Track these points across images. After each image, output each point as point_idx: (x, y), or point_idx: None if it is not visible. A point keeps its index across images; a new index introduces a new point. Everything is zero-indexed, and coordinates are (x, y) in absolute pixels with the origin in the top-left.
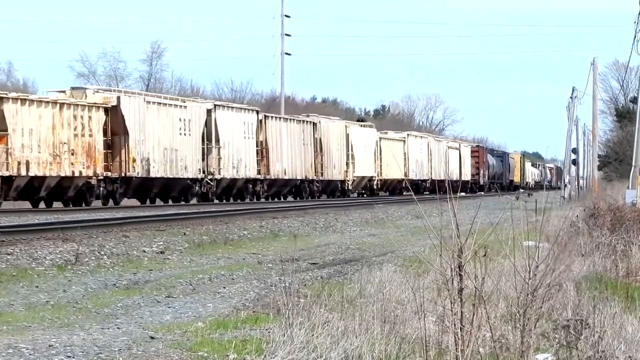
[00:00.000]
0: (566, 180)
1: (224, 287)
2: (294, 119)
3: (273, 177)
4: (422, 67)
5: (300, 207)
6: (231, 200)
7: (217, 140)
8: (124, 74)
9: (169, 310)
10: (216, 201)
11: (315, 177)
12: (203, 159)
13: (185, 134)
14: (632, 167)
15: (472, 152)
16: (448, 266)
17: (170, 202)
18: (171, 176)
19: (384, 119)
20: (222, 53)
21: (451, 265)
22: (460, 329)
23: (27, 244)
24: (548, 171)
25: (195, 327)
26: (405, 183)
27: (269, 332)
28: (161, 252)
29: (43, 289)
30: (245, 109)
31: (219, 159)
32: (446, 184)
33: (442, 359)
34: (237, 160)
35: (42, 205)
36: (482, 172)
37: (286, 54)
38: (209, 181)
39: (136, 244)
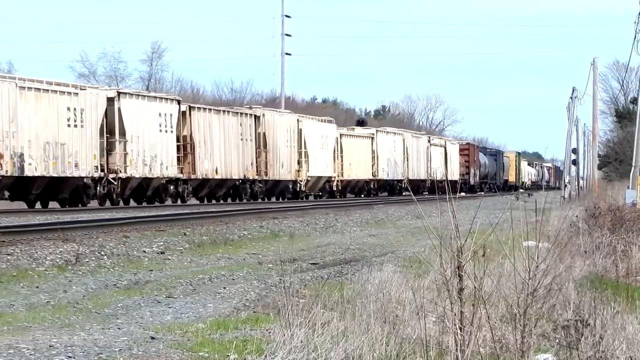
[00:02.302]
0: (566, 181)
1: (225, 288)
2: (229, 111)
3: (200, 177)
4: (422, 67)
5: (300, 208)
6: (145, 204)
7: (123, 134)
8: (124, 74)
9: (170, 310)
10: (127, 204)
11: (257, 177)
12: (103, 155)
13: (75, 126)
14: (632, 167)
15: (460, 150)
16: (448, 266)
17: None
18: (56, 175)
19: (384, 120)
20: (222, 53)
21: (451, 266)
22: (461, 329)
23: (28, 244)
24: (546, 171)
25: (196, 327)
26: (373, 184)
27: (270, 332)
28: (161, 253)
29: (43, 289)
30: (161, 97)
31: (125, 155)
32: (448, 185)
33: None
34: (150, 157)
35: None
36: (472, 171)
37: (286, 54)
38: (111, 180)
39: (136, 244)
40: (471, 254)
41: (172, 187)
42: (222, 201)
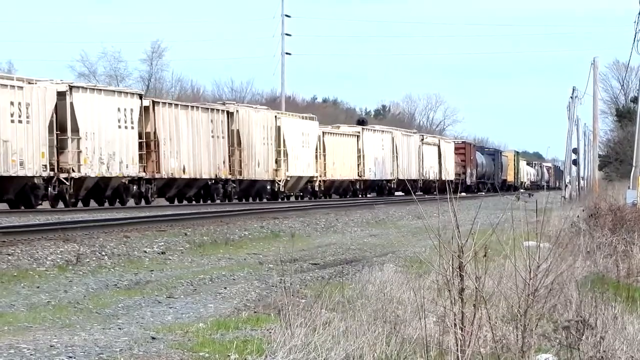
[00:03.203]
0: (567, 181)
1: (225, 288)
2: (198, 107)
3: (166, 176)
4: (422, 67)
5: (301, 208)
6: (107, 205)
7: (76, 130)
8: (124, 73)
9: (170, 310)
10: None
11: (230, 177)
12: (53, 154)
13: (20, 122)
14: (633, 167)
15: (456, 149)
16: (449, 266)
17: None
18: None
19: (384, 119)
20: (223, 53)
21: (452, 266)
22: (461, 329)
23: (28, 245)
24: (545, 170)
25: (197, 327)
26: (359, 185)
27: (270, 332)
28: (162, 253)
29: (44, 289)
30: (120, 91)
31: (78, 153)
32: (448, 185)
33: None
34: (107, 155)
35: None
36: (469, 171)
37: (287, 53)
38: (62, 180)
39: (137, 245)
40: (472, 254)
41: (134, 187)
42: (194, 202)
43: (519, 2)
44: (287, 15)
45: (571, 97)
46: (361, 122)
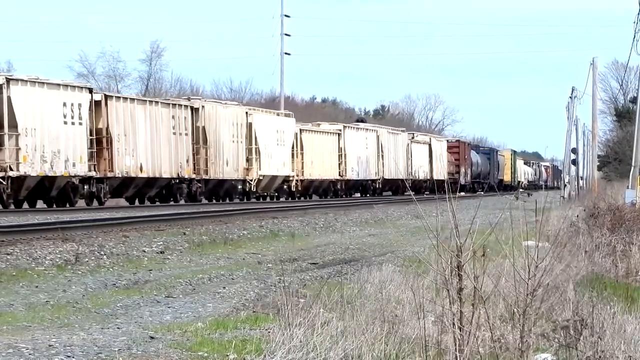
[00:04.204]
0: (566, 180)
1: (224, 287)
2: (158, 102)
3: (120, 175)
4: (422, 67)
5: (300, 207)
6: (55, 206)
7: (14, 126)
8: (123, 73)
9: (169, 310)
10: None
11: (195, 176)
12: None
13: None
14: (632, 167)
15: (449, 147)
16: (447, 266)
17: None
18: None
19: (383, 119)
20: (222, 53)
21: (450, 265)
22: (460, 329)
23: (27, 244)
24: (543, 170)
25: (195, 327)
26: (341, 185)
27: (269, 332)
28: (161, 252)
29: (43, 288)
30: (67, 85)
31: (17, 150)
32: (447, 185)
33: (441, 359)
34: (51, 153)
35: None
36: (463, 170)
37: (286, 53)
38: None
39: (136, 244)
40: (471, 254)
41: (85, 187)
42: (158, 202)
43: (518, 2)
44: (286, 16)
45: (570, 97)
46: (360, 122)
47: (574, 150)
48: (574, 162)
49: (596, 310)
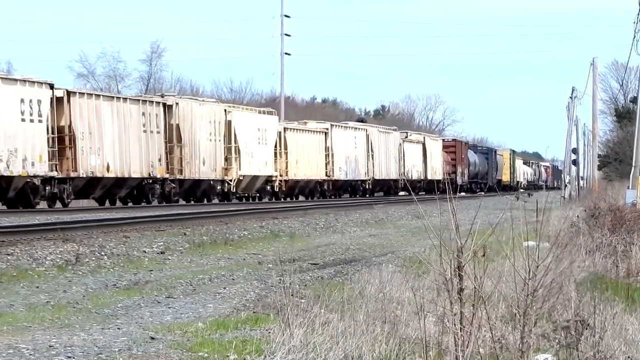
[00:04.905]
0: (566, 181)
1: (224, 288)
2: (126, 98)
3: (85, 175)
4: (422, 67)
5: (301, 208)
6: (22, 208)
7: None
8: (123, 74)
9: (169, 310)
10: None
11: (168, 176)
12: None
13: None
14: (632, 167)
15: (445, 147)
16: (448, 267)
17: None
18: None
19: (384, 119)
20: (222, 53)
21: (451, 266)
22: (460, 330)
23: (28, 244)
24: (543, 170)
25: (196, 327)
26: (328, 185)
27: (269, 332)
28: (161, 253)
29: (43, 289)
30: (24, 80)
31: None
32: (448, 185)
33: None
34: (7, 152)
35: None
36: (460, 170)
37: (286, 54)
38: None
39: (136, 244)
40: (471, 254)
41: (47, 188)
42: (131, 203)
43: (518, 2)
44: (286, 16)
45: (570, 97)
46: (360, 122)
47: (575, 151)
48: (575, 162)
49: (597, 310)
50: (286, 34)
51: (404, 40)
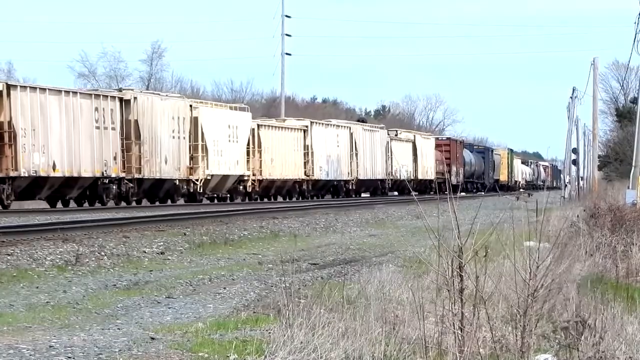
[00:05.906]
0: (566, 181)
1: (224, 288)
2: (76, 92)
3: (27, 175)
4: (422, 67)
5: (301, 208)
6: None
7: None
8: (124, 74)
9: (169, 310)
10: None
11: (124, 175)
12: None
13: None
14: (632, 167)
15: (437, 145)
16: (448, 267)
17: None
18: None
19: (384, 119)
20: (222, 53)
21: (451, 266)
22: (461, 330)
23: (28, 245)
24: (542, 170)
25: (196, 327)
26: (307, 185)
27: (270, 332)
28: (161, 253)
29: (43, 289)
30: None
31: None
32: (449, 186)
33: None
34: None
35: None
36: (455, 169)
37: (286, 54)
38: None
39: (136, 245)
40: (472, 254)
41: None
42: (86, 204)
43: (519, 3)
44: (287, 16)
45: (571, 97)
46: (361, 122)
47: (575, 151)
48: (575, 162)
49: (597, 310)
50: (287, 34)
51: (404, 40)
